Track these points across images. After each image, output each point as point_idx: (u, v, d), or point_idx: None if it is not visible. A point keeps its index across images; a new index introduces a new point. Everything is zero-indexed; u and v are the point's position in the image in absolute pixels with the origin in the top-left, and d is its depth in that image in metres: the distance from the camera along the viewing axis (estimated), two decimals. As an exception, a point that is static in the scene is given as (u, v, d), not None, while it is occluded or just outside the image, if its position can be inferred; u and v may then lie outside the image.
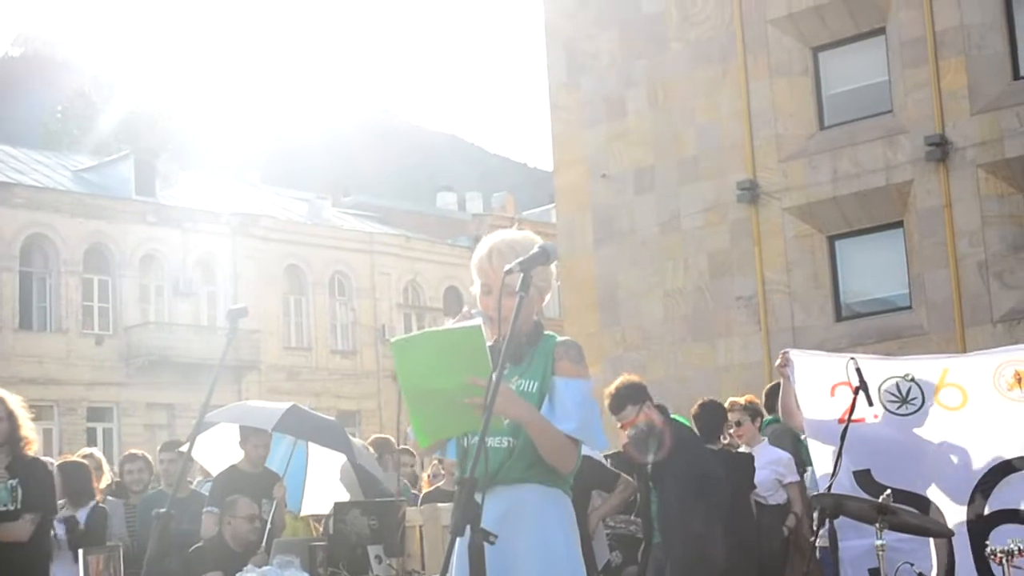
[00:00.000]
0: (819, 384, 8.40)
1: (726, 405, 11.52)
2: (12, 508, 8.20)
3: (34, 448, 8.56)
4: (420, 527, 11.18)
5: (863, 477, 8.12)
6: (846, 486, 8.01)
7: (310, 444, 11.48)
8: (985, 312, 21.17)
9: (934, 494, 7.95)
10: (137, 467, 12.12)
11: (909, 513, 7.38)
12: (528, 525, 4.89)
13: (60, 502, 9.80)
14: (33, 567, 8.33)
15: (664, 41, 24.69)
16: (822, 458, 8.39)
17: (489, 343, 4.98)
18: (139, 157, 49.71)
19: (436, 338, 4.74)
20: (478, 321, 4.77)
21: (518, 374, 5.02)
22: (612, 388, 9.59)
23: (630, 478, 10.33)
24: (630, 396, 9.51)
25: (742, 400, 11.73)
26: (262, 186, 60.61)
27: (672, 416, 10.27)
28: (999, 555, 7.02)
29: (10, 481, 8.22)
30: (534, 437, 4.84)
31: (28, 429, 8.44)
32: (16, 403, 8.46)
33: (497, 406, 4.56)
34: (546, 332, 5.13)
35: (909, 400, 8.12)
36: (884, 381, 8.19)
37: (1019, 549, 6.96)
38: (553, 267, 5.04)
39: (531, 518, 4.90)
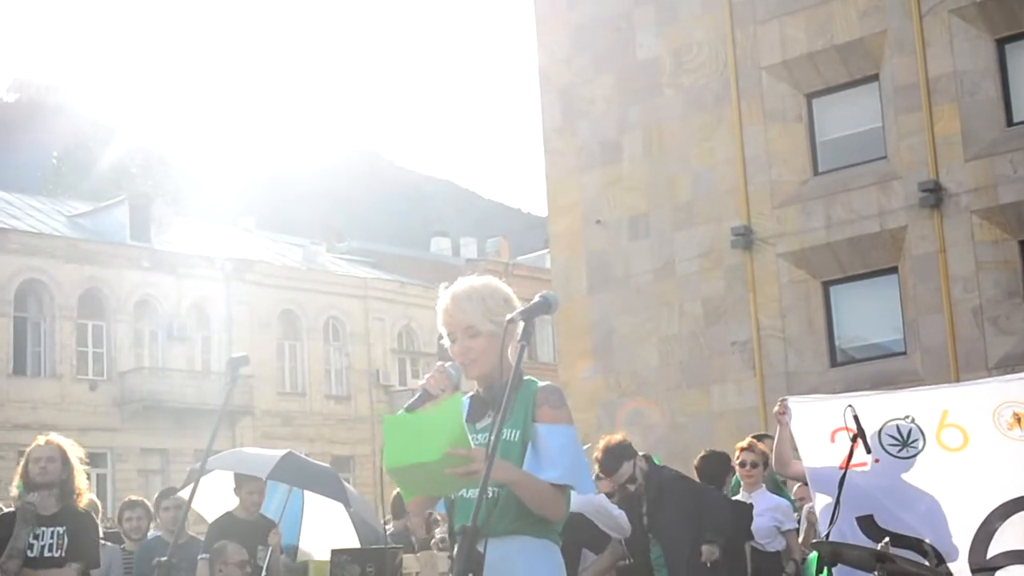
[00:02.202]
0: (818, 431, 8.34)
1: (744, 444, 11.49)
2: (58, 555, 8.26)
3: (85, 500, 8.59)
4: (417, 574, 11.15)
5: (866, 523, 8.08)
6: (847, 533, 7.98)
7: (306, 490, 11.46)
8: (980, 358, 21.17)
9: (937, 538, 7.91)
10: (136, 514, 12.07)
11: (907, 560, 7.35)
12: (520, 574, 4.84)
13: None
14: None
15: (659, 87, 24.79)
16: (827, 506, 8.32)
17: (470, 393, 5.04)
18: (134, 203, 49.75)
19: (424, 417, 4.75)
20: (459, 394, 4.76)
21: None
22: (600, 452, 9.61)
23: (620, 541, 10.30)
24: (623, 454, 9.54)
25: (760, 445, 11.64)
26: (257, 231, 60.62)
27: (656, 462, 10.31)
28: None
29: (57, 528, 8.29)
30: (519, 494, 4.80)
31: (82, 480, 8.51)
32: (73, 451, 8.53)
33: (481, 471, 4.53)
34: (526, 377, 5.06)
35: (910, 443, 8.08)
36: (885, 424, 8.15)
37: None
38: (516, 300, 5.03)
39: (521, 572, 4.84)
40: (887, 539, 7.34)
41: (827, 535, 7.88)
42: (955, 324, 21.47)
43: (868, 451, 7.96)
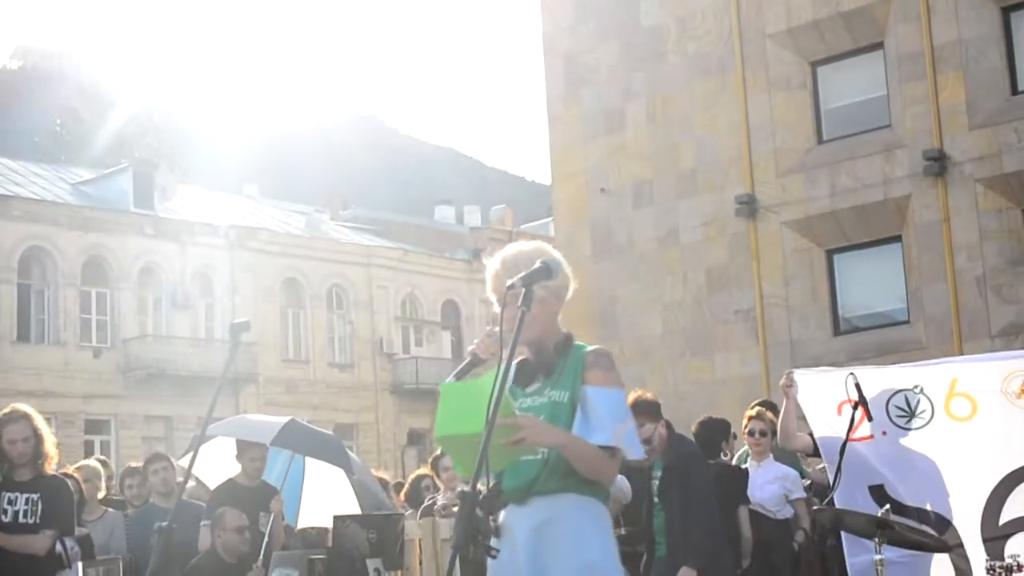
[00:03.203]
0: (825, 403, 8.31)
1: (753, 412, 11.48)
2: (32, 522, 8.26)
3: (54, 463, 8.57)
4: (419, 540, 11.17)
5: (878, 492, 8.07)
6: (860, 503, 7.97)
7: (307, 457, 11.45)
8: (983, 326, 21.17)
9: (946, 510, 7.90)
10: (136, 482, 12.07)
11: (907, 527, 7.36)
12: (563, 536, 4.90)
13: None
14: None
15: (663, 55, 24.71)
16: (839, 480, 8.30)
17: (519, 359, 5.09)
18: (137, 170, 49.71)
19: (478, 386, 4.73)
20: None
21: (550, 385, 5.05)
22: (629, 403, 9.55)
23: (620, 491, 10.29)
24: (648, 412, 9.48)
25: (769, 414, 11.61)
26: (260, 199, 60.60)
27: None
28: (998, 570, 7.00)
29: (31, 495, 8.27)
30: (570, 459, 4.86)
31: (51, 445, 8.48)
32: (40, 420, 8.49)
33: (529, 438, 4.67)
34: (576, 342, 5.16)
35: (918, 414, 8.05)
36: (893, 395, 8.13)
37: (1018, 565, 6.93)
38: (566, 266, 5.07)
39: (567, 529, 4.91)
40: (887, 506, 7.33)
41: (828, 501, 7.88)
42: (958, 293, 21.45)
43: (870, 419, 7.95)
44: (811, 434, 8.64)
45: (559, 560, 4.87)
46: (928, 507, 7.92)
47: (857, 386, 7.88)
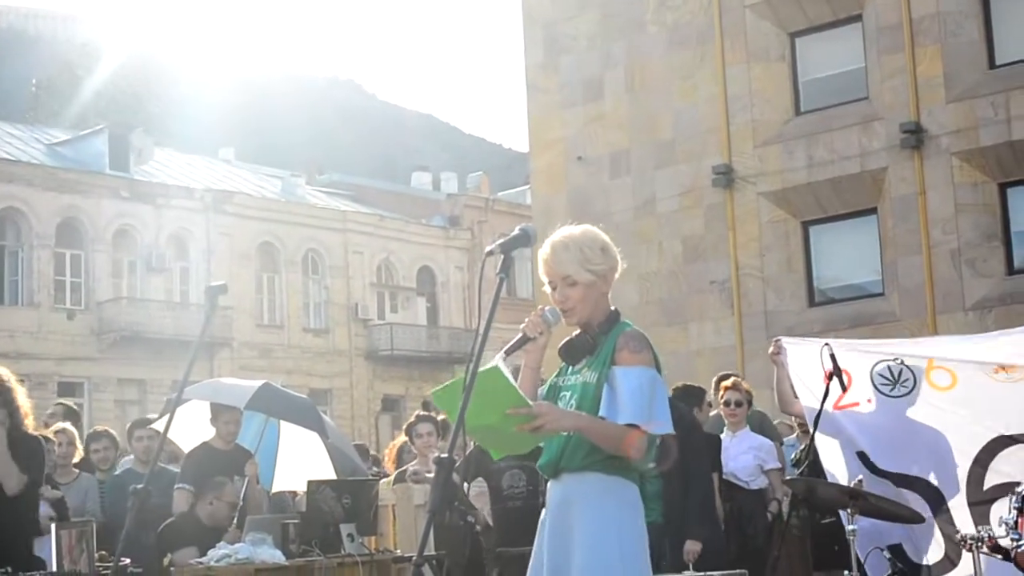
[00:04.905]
0: (812, 373, 8.38)
1: (729, 383, 11.52)
2: None
3: (29, 424, 8.45)
4: (393, 506, 11.18)
5: (863, 459, 8.13)
6: (855, 470, 8.00)
7: (282, 421, 11.45)
8: (957, 300, 21.26)
9: (933, 475, 7.97)
10: (103, 445, 12.03)
11: (880, 498, 7.40)
12: (583, 514, 5.04)
13: None
14: (20, 540, 8.17)
15: (642, 24, 24.69)
16: (829, 447, 8.34)
17: (566, 339, 5.26)
18: (113, 132, 49.41)
19: (482, 378, 4.78)
20: (494, 362, 4.83)
21: (588, 366, 5.19)
22: None
23: None
24: None
25: (745, 384, 11.69)
26: (236, 163, 60.31)
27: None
28: (968, 542, 7.05)
29: None
30: (592, 440, 5.00)
31: (22, 404, 8.35)
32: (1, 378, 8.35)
33: (547, 424, 4.81)
34: (622, 320, 5.27)
35: (901, 382, 8.14)
36: (876, 364, 8.20)
37: (988, 536, 6.99)
38: (613, 248, 5.26)
39: (587, 508, 5.04)
40: (860, 477, 7.38)
41: (801, 472, 7.92)
42: (933, 266, 21.53)
43: (844, 389, 8.00)
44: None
45: (577, 552, 5.00)
46: (912, 473, 7.99)
47: (832, 356, 7.92)
